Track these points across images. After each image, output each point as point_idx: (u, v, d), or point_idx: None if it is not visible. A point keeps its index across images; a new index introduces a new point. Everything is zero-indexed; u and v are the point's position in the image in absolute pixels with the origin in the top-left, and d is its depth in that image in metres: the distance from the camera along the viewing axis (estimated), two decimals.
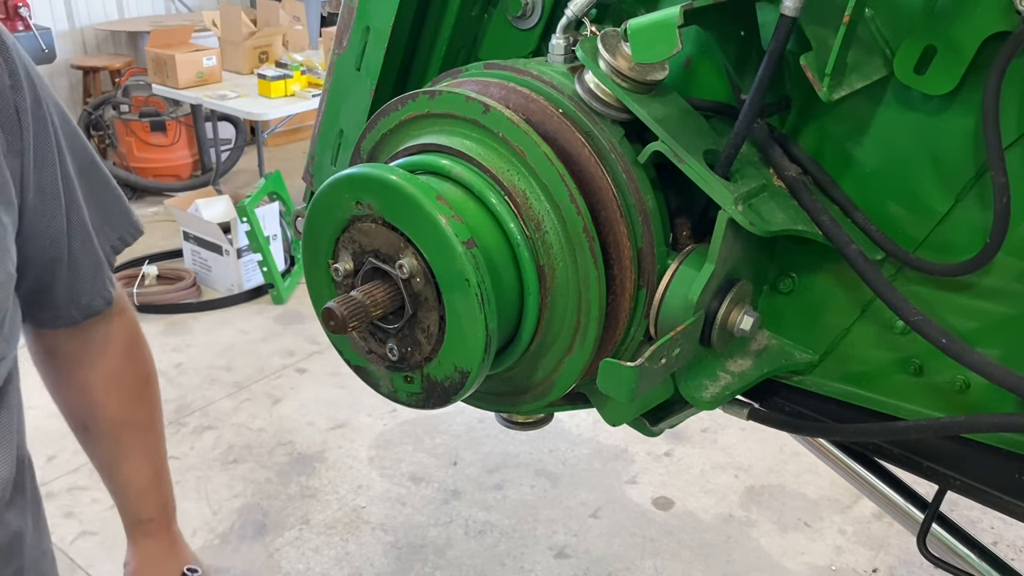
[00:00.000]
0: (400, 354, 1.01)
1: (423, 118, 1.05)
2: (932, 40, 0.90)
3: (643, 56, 0.93)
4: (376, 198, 0.96)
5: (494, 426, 3.87)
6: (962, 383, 1.02)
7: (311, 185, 1.41)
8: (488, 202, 0.98)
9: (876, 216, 1.01)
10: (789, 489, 3.56)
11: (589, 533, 3.33)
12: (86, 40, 7.20)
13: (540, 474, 3.64)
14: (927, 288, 1.02)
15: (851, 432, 1.17)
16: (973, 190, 0.95)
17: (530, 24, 1.21)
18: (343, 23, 1.27)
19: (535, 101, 1.00)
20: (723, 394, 1.07)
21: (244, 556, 3.21)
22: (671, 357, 0.97)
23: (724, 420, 3.83)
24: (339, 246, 1.01)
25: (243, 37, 6.02)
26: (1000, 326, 0.99)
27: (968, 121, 0.93)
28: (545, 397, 1.08)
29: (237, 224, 4.92)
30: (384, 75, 1.25)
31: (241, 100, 5.53)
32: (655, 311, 1.02)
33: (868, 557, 3.23)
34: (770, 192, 1.01)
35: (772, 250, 1.09)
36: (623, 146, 0.99)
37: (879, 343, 1.07)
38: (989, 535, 3.28)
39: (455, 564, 3.18)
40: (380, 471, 3.65)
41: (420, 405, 1.03)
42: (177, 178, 6.46)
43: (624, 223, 0.97)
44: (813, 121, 1.04)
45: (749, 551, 3.25)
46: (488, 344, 0.93)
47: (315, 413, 4.03)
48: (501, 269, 0.97)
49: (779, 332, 1.14)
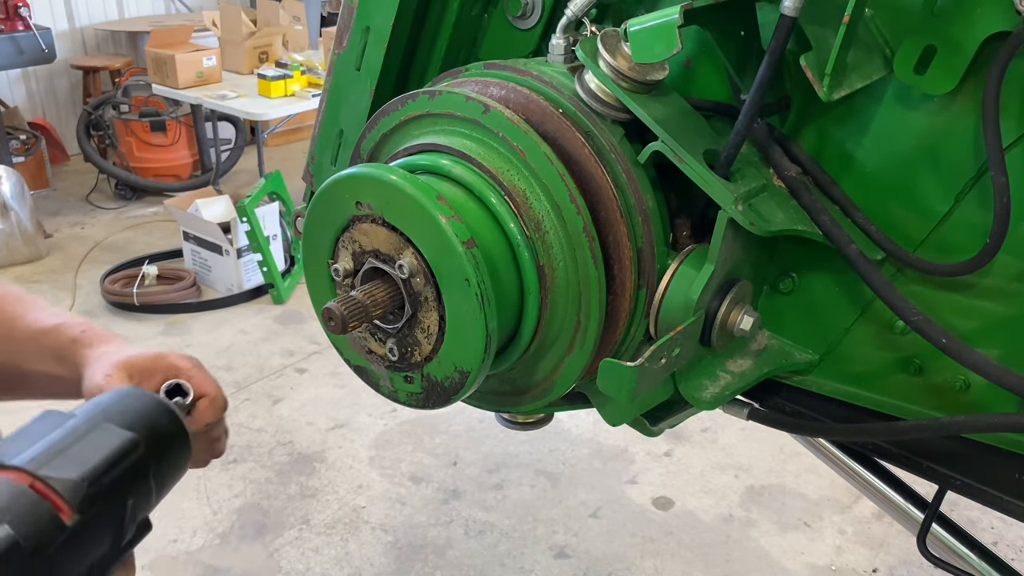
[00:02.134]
0: (400, 354, 1.01)
1: (423, 118, 1.05)
2: (932, 40, 0.90)
3: (643, 56, 0.93)
4: (376, 198, 0.96)
5: (494, 426, 3.87)
6: (962, 383, 1.02)
7: (311, 185, 1.41)
8: (488, 202, 0.98)
9: (876, 216, 1.01)
10: (789, 489, 3.56)
11: (589, 533, 3.33)
12: (86, 40, 7.19)
13: (540, 474, 3.64)
14: (927, 288, 1.02)
15: (851, 432, 1.18)
16: (973, 190, 0.95)
17: (530, 24, 1.21)
18: (343, 23, 1.27)
19: (535, 101, 1.00)
20: (723, 394, 1.07)
21: (244, 556, 3.21)
22: (671, 357, 0.97)
23: (724, 420, 3.83)
24: (339, 246, 1.01)
25: (243, 37, 6.02)
26: (1000, 326, 0.99)
27: (968, 121, 0.93)
28: (545, 397, 1.08)
29: (237, 224, 4.91)
30: (384, 75, 1.25)
31: (241, 100, 5.53)
32: (655, 311, 1.02)
33: (868, 557, 3.23)
34: (770, 192, 1.01)
35: (772, 250, 1.09)
36: (623, 146, 0.99)
37: (879, 343, 1.07)
38: (989, 535, 3.28)
39: (455, 564, 3.18)
40: (380, 471, 3.65)
41: (420, 405, 1.03)
42: (177, 178, 6.46)
43: (624, 223, 0.97)
44: (813, 121, 1.04)
45: (749, 551, 3.25)
46: (488, 344, 0.93)
47: (315, 413, 4.03)
48: (501, 269, 0.97)
49: (779, 332, 1.14)
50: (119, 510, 0.62)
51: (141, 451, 0.66)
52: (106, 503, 0.61)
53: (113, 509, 0.62)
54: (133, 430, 0.66)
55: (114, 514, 0.62)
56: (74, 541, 0.57)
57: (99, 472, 0.61)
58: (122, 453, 0.64)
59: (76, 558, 0.58)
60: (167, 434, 0.71)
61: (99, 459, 0.62)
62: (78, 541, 0.58)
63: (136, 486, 0.65)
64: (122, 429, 0.66)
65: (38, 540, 0.55)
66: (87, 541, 0.59)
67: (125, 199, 6.38)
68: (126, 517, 0.63)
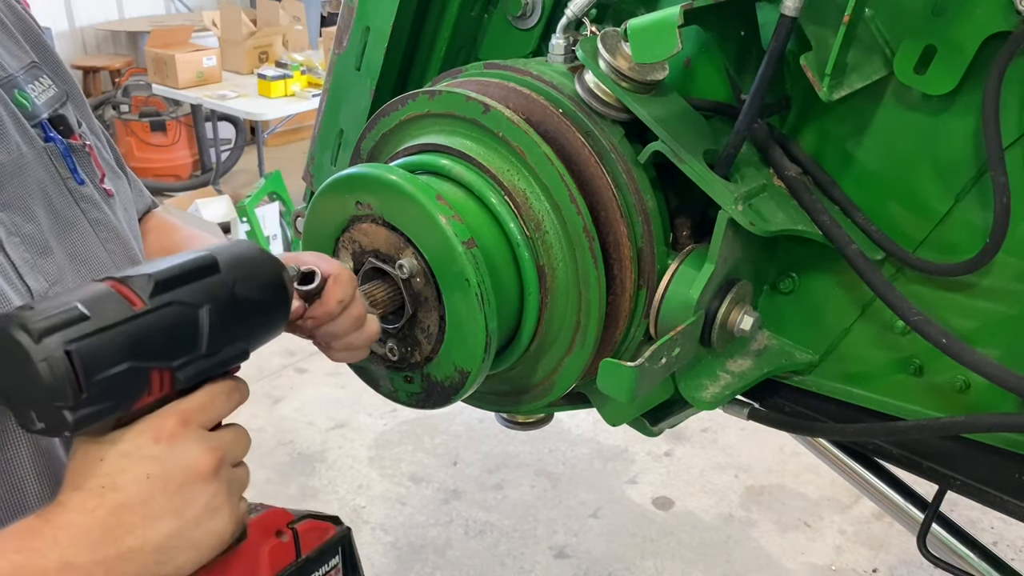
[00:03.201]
0: (400, 354, 1.01)
1: (423, 118, 1.05)
2: (932, 40, 0.90)
3: (643, 56, 0.93)
4: (376, 198, 0.96)
5: (494, 426, 3.87)
6: (962, 383, 1.02)
7: (311, 185, 1.41)
8: (488, 202, 0.98)
9: (876, 216, 1.01)
10: (789, 489, 3.56)
11: (589, 533, 3.33)
12: (86, 40, 7.20)
13: (540, 474, 3.64)
14: (927, 288, 1.02)
15: (851, 432, 1.17)
16: (973, 190, 0.95)
17: (530, 24, 1.21)
18: (343, 23, 1.27)
19: (535, 101, 1.00)
20: (723, 394, 1.07)
21: None
22: (671, 357, 0.97)
23: (724, 420, 3.83)
24: (339, 246, 1.01)
25: (243, 37, 6.02)
26: (1000, 326, 0.99)
27: (968, 121, 0.93)
28: (545, 397, 1.08)
29: (237, 224, 4.92)
30: (384, 75, 1.25)
31: (241, 100, 5.53)
32: (655, 311, 1.02)
33: (868, 557, 3.23)
34: (770, 192, 1.01)
35: (772, 250, 1.09)
36: (623, 146, 0.99)
37: (879, 343, 1.07)
38: (989, 535, 3.28)
39: (455, 564, 3.18)
40: (380, 471, 3.65)
41: (420, 405, 1.03)
42: (177, 178, 6.45)
43: (624, 223, 0.97)
44: (813, 121, 1.04)
45: (749, 551, 3.25)
46: (488, 344, 0.93)
47: (315, 413, 4.03)
48: (501, 269, 0.97)
49: (779, 332, 1.14)
50: (190, 313, 0.70)
51: (218, 270, 0.73)
52: (173, 300, 0.69)
53: (183, 308, 0.69)
54: (217, 256, 0.74)
55: (184, 314, 0.69)
56: (141, 324, 0.66)
57: (168, 274, 0.69)
58: (196, 264, 0.72)
59: (146, 342, 0.67)
60: (253, 264, 0.77)
61: (171, 265, 0.70)
62: (146, 325, 0.67)
63: (212, 297, 0.71)
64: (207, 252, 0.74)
65: (104, 316, 0.64)
66: (156, 330, 0.67)
67: None
68: (200, 323, 0.70)
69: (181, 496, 0.69)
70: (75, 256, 0.92)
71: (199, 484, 0.70)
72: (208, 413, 0.73)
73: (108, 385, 0.64)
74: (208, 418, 0.73)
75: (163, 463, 0.69)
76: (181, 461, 0.69)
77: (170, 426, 0.70)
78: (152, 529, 0.68)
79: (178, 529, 0.69)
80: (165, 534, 0.68)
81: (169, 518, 0.69)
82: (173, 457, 0.69)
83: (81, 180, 0.95)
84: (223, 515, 0.72)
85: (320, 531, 0.87)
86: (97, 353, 0.64)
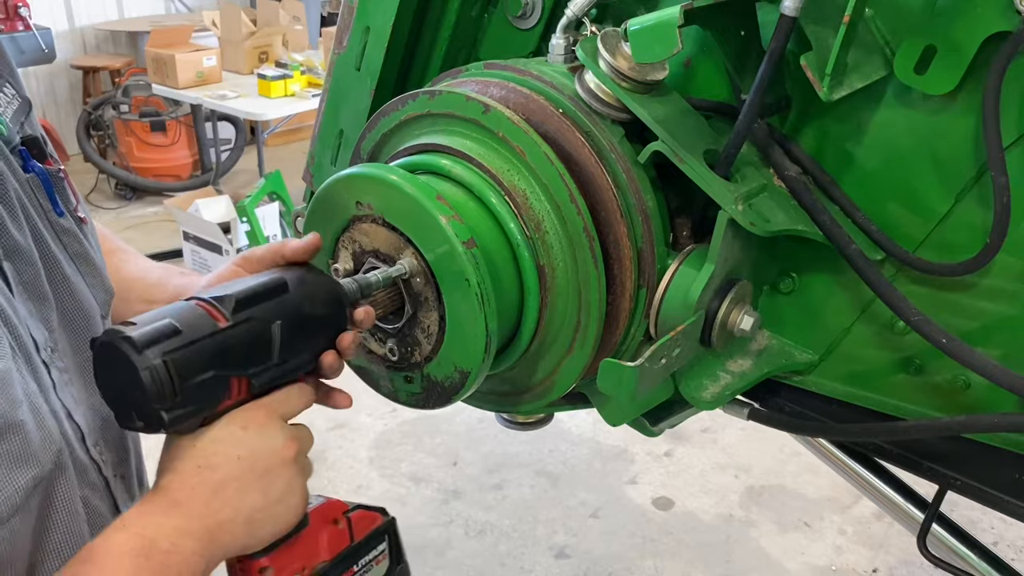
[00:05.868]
0: (400, 354, 1.01)
1: (423, 118, 1.05)
2: (932, 40, 0.90)
3: (643, 56, 0.93)
4: (376, 198, 0.96)
5: (494, 426, 3.87)
6: (962, 383, 1.02)
7: (311, 185, 1.41)
8: (488, 202, 0.98)
9: (876, 216, 1.01)
10: (789, 489, 3.56)
11: (589, 533, 3.33)
12: (86, 40, 7.19)
13: (540, 474, 3.64)
14: (927, 288, 1.02)
15: (852, 432, 1.18)
16: (973, 190, 0.95)
17: (530, 24, 1.21)
18: (343, 23, 1.27)
19: (535, 101, 1.00)
20: (723, 394, 1.07)
21: None
22: (671, 357, 0.97)
23: (724, 420, 3.83)
24: (339, 246, 1.01)
25: (243, 37, 6.02)
26: (1000, 326, 0.99)
27: (968, 121, 0.93)
28: (545, 397, 1.08)
29: (237, 224, 4.91)
30: (384, 75, 1.25)
31: (241, 100, 5.52)
32: (655, 311, 1.02)
33: (868, 557, 3.23)
34: (770, 192, 1.01)
35: (772, 250, 1.09)
36: (623, 146, 0.99)
37: (879, 343, 1.07)
38: (989, 535, 3.28)
39: (455, 564, 3.18)
40: (380, 471, 3.65)
41: (420, 405, 1.03)
42: (177, 178, 6.45)
43: (624, 223, 0.97)
44: (813, 121, 1.04)
45: (749, 551, 3.25)
46: (488, 344, 0.93)
47: (315, 413, 4.01)
48: (501, 269, 0.97)
49: (779, 332, 1.14)
50: (264, 328, 0.80)
51: (287, 290, 0.83)
52: (251, 316, 0.79)
53: (259, 324, 0.79)
54: (286, 278, 0.84)
55: (260, 329, 0.79)
56: (224, 338, 0.77)
57: (246, 294, 0.80)
58: (269, 285, 0.82)
59: (228, 353, 0.77)
60: (316, 284, 0.87)
61: (247, 286, 0.81)
62: (228, 339, 0.77)
63: (283, 313, 0.81)
64: (278, 273, 0.85)
65: (193, 331, 0.75)
66: (236, 343, 0.78)
67: (125, 199, 6.38)
68: (272, 337, 0.80)
69: (267, 476, 0.80)
70: (62, 297, 0.91)
71: (281, 467, 0.81)
72: (288, 409, 0.84)
73: (197, 390, 0.75)
74: (288, 413, 0.84)
75: (251, 447, 0.79)
76: (268, 446, 0.80)
77: (258, 416, 0.81)
78: (244, 502, 0.78)
79: (264, 504, 0.80)
80: (254, 507, 0.79)
81: (257, 494, 0.79)
82: (261, 442, 0.80)
83: (60, 212, 0.94)
84: (299, 494, 0.83)
85: (370, 520, 0.97)
86: (188, 363, 0.74)
